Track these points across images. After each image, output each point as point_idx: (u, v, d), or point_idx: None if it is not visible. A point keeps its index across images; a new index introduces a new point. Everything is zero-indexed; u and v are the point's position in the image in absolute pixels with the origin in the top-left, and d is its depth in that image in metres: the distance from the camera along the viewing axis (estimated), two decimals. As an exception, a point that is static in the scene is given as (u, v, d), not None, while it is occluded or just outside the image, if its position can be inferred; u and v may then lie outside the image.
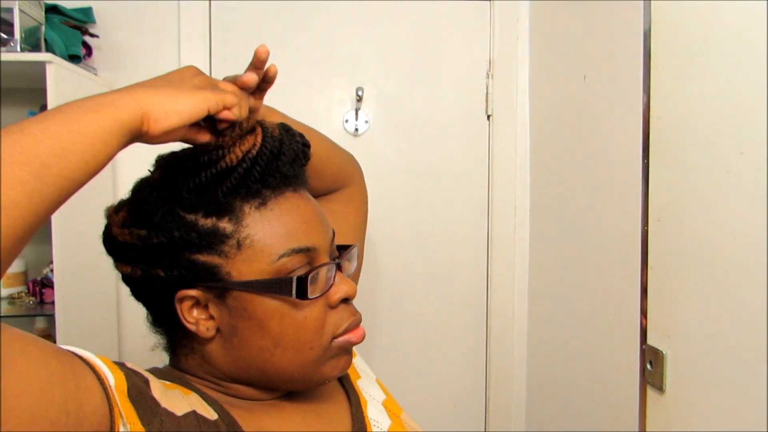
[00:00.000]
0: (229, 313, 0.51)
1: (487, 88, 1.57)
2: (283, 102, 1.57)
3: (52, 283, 1.26)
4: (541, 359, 1.50)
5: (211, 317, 0.52)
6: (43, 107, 1.23)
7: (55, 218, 1.18)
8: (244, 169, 0.49)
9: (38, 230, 0.40)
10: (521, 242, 1.57)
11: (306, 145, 0.55)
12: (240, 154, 0.49)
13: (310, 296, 0.50)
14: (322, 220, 0.55)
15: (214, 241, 0.49)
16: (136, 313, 1.69)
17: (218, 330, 0.52)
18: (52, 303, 1.21)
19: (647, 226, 0.96)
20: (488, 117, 1.58)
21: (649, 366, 0.95)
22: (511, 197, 1.56)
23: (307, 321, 0.52)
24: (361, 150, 1.56)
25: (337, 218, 0.68)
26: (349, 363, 0.57)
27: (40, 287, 1.35)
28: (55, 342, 1.21)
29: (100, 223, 0.58)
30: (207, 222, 0.50)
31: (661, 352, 0.91)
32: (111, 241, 0.54)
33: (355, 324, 0.56)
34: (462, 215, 1.59)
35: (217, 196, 0.49)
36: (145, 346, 1.72)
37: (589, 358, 1.21)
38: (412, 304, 1.57)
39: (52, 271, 1.26)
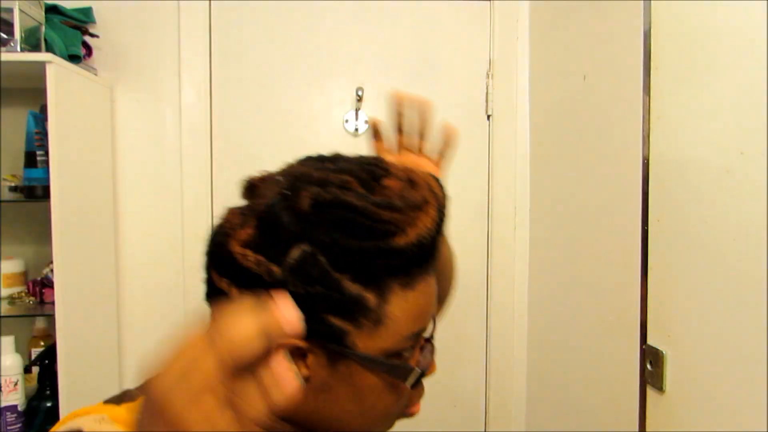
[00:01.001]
0: (330, 374, 0.47)
1: (487, 88, 1.57)
2: (283, 102, 1.59)
3: (52, 283, 1.26)
4: (541, 359, 1.50)
5: (307, 367, 0.47)
6: (43, 107, 1.23)
7: (55, 218, 1.18)
8: (412, 254, 0.45)
9: (38, 230, 0.39)
10: (521, 242, 1.57)
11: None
12: (413, 240, 0.44)
13: (416, 387, 0.50)
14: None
15: (355, 309, 0.45)
16: (136, 313, 1.68)
17: (307, 380, 0.48)
18: (52, 303, 1.21)
19: (647, 226, 0.96)
20: (488, 117, 1.58)
21: (649, 366, 0.95)
22: (511, 197, 1.56)
23: (400, 398, 0.51)
24: (361, 150, 1.56)
25: None
26: None
27: (40, 287, 1.35)
28: (55, 342, 1.21)
29: (100, 223, 0.57)
30: (352, 287, 0.44)
31: (661, 352, 0.91)
32: (221, 252, 0.47)
33: (420, 398, 0.55)
34: (462, 215, 1.59)
35: (373, 268, 0.44)
36: (145, 347, 1.72)
37: (589, 357, 1.21)
38: (412, 304, 1.57)
39: (52, 271, 1.26)
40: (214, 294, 0.50)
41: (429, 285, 0.49)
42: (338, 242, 0.43)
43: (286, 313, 0.32)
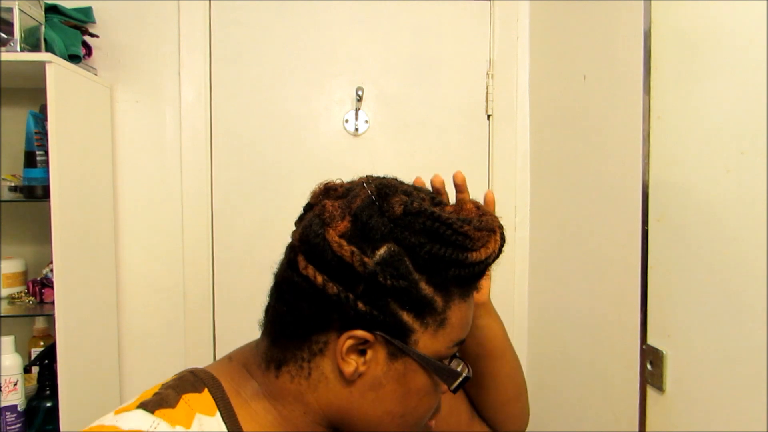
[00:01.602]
0: (385, 371, 0.52)
1: (487, 88, 1.57)
2: (283, 102, 1.59)
3: (52, 283, 1.26)
4: (541, 359, 1.50)
5: (365, 363, 0.51)
6: (43, 107, 1.23)
7: (55, 218, 1.18)
8: (479, 270, 0.52)
9: (38, 230, 0.39)
10: (521, 242, 1.57)
11: None
12: (483, 257, 0.51)
13: (454, 391, 0.54)
14: None
15: (425, 309, 0.51)
16: (136, 313, 1.69)
17: (360, 375, 0.52)
18: (52, 303, 1.21)
19: (647, 226, 0.96)
20: (488, 117, 1.58)
21: (649, 366, 0.95)
22: (511, 197, 1.56)
23: (434, 402, 0.55)
24: (361, 150, 1.56)
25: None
26: None
27: (40, 287, 1.35)
28: (55, 342, 1.21)
29: (100, 223, 0.57)
30: (427, 289, 0.51)
31: (661, 352, 0.91)
32: (317, 241, 0.51)
33: (437, 414, 0.59)
34: (462, 215, 1.59)
35: (446, 275, 0.51)
36: (145, 346, 1.73)
37: (589, 357, 1.21)
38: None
39: (52, 271, 1.26)
40: (294, 279, 0.52)
41: (472, 299, 0.56)
42: (422, 246, 0.50)
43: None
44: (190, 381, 0.52)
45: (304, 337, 0.52)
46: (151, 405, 0.48)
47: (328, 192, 0.55)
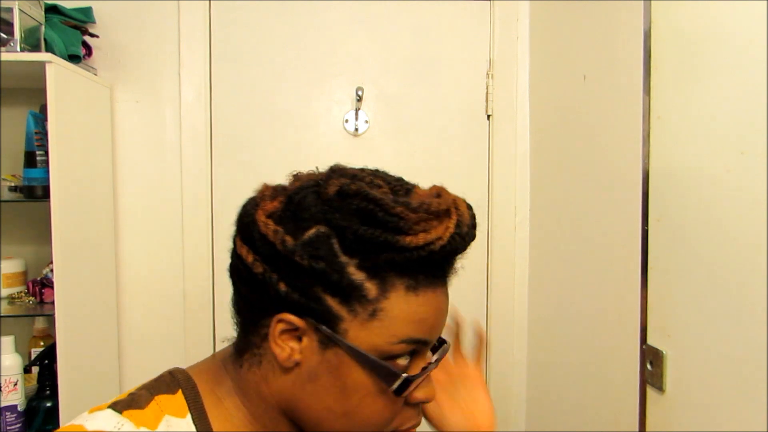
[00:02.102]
0: (319, 361, 0.49)
1: (487, 88, 1.57)
2: (283, 102, 1.59)
3: (52, 283, 1.26)
4: (541, 359, 1.50)
5: (301, 351, 0.49)
6: (43, 107, 1.23)
7: (55, 218, 1.18)
8: (419, 257, 0.46)
9: (38, 230, 0.39)
10: (521, 242, 1.57)
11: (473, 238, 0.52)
12: (421, 243, 0.46)
13: (404, 395, 0.50)
14: (445, 321, 0.54)
15: (353, 295, 0.47)
16: (136, 313, 1.69)
17: (297, 364, 0.50)
18: (52, 303, 1.21)
19: (647, 226, 0.96)
20: (488, 117, 1.58)
21: (649, 366, 0.95)
22: (511, 197, 1.57)
23: (385, 409, 0.50)
24: (361, 150, 1.56)
25: None
26: None
27: (40, 287, 1.35)
28: (55, 342, 1.21)
29: (100, 223, 0.57)
30: (356, 274, 0.47)
31: (661, 352, 0.91)
32: (248, 221, 0.50)
33: (416, 426, 0.54)
34: (462, 215, 1.59)
35: (379, 260, 0.47)
36: (145, 347, 1.73)
37: (589, 357, 1.21)
38: (412, 304, 1.57)
39: (52, 271, 1.26)
40: (235, 262, 0.52)
41: (437, 297, 0.50)
42: (351, 228, 0.46)
43: None
44: (166, 382, 0.53)
45: (253, 323, 0.51)
46: (121, 405, 0.49)
47: (296, 177, 0.55)
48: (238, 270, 0.51)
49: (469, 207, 0.51)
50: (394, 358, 0.49)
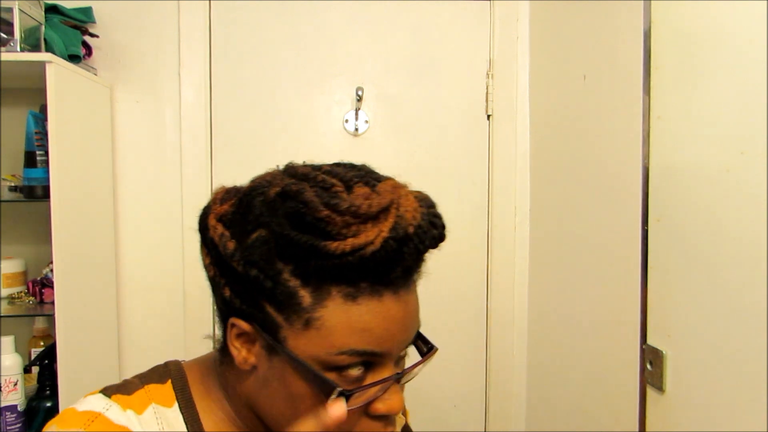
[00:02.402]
0: (268, 366, 0.48)
1: (487, 88, 1.57)
2: (283, 102, 1.59)
3: (52, 283, 1.26)
4: (541, 359, 1.50)
5: (255, 355, 0.49)
6: (43, 107, 1.23)
7: (55, 218, 1.18)
8: (348, 264, 0.43)
9: (38, 230, 0.39)
10: (521, 242, 1.57)
11: (441, 238, 0.47)
12: (348, 249, 0.42)
13: (352, 407, 0.46)
14: (406, 328, 0.48)
15: (287, 303, 0.45)
16: (136, 312, 1.68)
17: (254, 368, 0.49)
18: (52, 303, 1.21)
19: (647, 226, 0.96)
20: (488, 117, 1.58)
21: (649, 366, 0.95)
22: (511, 197, 1.56)
23: (334, 420, 0.45)
24: (361, 150, 1.56)
25: None
26: None
27: (40, 287, 1.35)
28: (55, 342, 1.21)
29: (100, 223, 0.57)
30: (291, 280, 0.45)
31: (661, 352, 0.91)
32: (203, 224, 0.51)
33: None
34: (462, 215, 1.59)
35: (311, 267, 0.44)
36: (145, 347, 1.72)
37: (589, 357, 1.21)
38: (412, 304, 1.57)
39: (52, 271, 1.26)
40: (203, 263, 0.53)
41: (383, 306, 0.45)
42: (283, 232, 0.44)
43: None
44: (159, 372, 0.55)
45: (223, 323, 0.51)
46: (111, 390, 0.52)
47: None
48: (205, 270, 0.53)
49: (426, 204, 0.47)
50: (342, 369, 0.45)
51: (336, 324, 0.44)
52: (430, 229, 0.45)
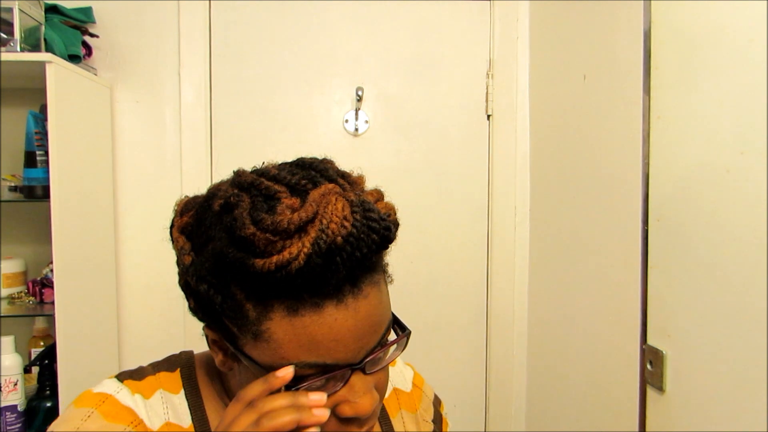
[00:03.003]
0: (240, 371, 0.51)
1: (487, 88, 1.57)
2: (283, 102, 1.59)
3: (52, 283, 1.26)
4: (541, 359, 1.50)
5: (229, 359, 0.52)
6: (43, 107, 1.23)
7: (55, 218, 1.18)
8: (275, 281, 0.42)
9: (38, 230, 0.39)
10: (521, 242, 1.57)
11: (385, 240, 0.45)
12: (274, 267, 0.41)
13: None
14: (360, 336, 0.46)
15: (236, 317, 0.45)
16: (136, 313, 1.68)
17: (231, 369, 0.53)
18: (52, 303, 1.21)
19: (647, 226, 0.96)
20: (488, 117, 1.58)
21: (649, 366, 0.95)
22: (511, 197, 1.57)
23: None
24: (361, 150, 1.56)
25: None
26: None
27: (40, 287, 1.35)
28: (55, 342, 1.21)
29: (100, 223, 0.58)
30: (237, 294, 0.44)
31: (661, 352, 0.91)
32: (171, 236, 0.52)
33: None
34: (462, 215, 1.59)
35: (250, 282, 0.43)
36: (145, 347, 1.72)
37: (589, 357, 1.21)
38: (412, 304, 1.57)
39: (52, 271, 1.26)
40: None
41: (328, 317, 0.43)
42: (222, 248, 0.43)
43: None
44: (171, 361, 0.60)
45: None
46: (124, 375, 0.56)
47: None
48: None
49: (363, 209, 0.44)
50: (301, 381, 0.44)
51: (283, 337, 0.44)
52: (368, 234, 0.43)
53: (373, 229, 0.43)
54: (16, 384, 1.24)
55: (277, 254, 0.41)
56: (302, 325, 0.43)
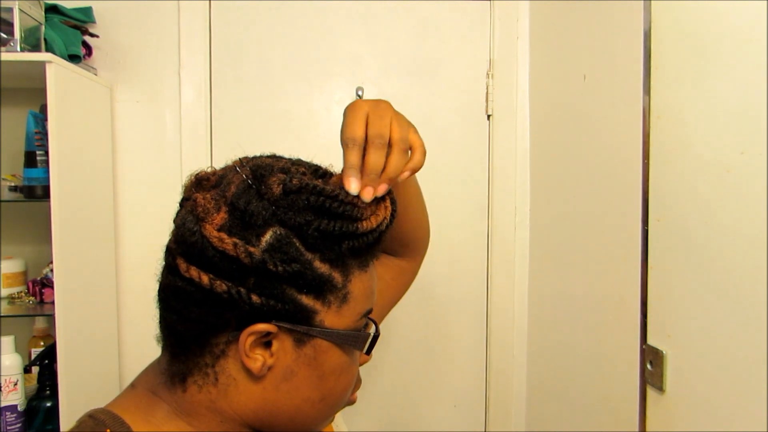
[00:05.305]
0: (295, 358, 0.49)
1: (487, 88, 1.57)
2: (283, 102, 1.59)
3: (52, 283, 1.26)
4: (541, 359, 1.50)
5: (272, 356, 0.49)
6: (43, 107, 1.23)
7: (55, 218, 1.18)
8: (373, 239, 0.50)
9: (38, 230, 0.39)
10: (521, 242, 1.57)
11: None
12: (374, 225, 0.50)
13: (368, 352, 0.55)
14: None
15: (325, 288, 0.49)
16: (136, 313, 1.68)
17: (269, 369, 0.50)
18: (52, 303, 1.21)
19: (647, 226, 0.96)
20: (488, 117, 1.58)
21: (649, 366, 0.95)
22: (511, 197, 1.56)
23: (352, 379, 0.55)
24: (361, 150, 1.56)
25: (379, 288, 0.62)
26: None
27: (40, 287, 1.35)
28: (55, 342, 1.21)
29: (100, 223, 0.57)
30: (322, 267, 0.48)
31: (661, 352, 0.91)
32: (195, 239, 0.47)
33: (358, 387, 0.59)
34: (462, 215, 1.59)
35: (340, 249, 0.49)
36: (145, 347, 1.72)
37: (589, 357, 1.21)
38: (412, 303, 1.57)
39: (52, 271, 1.26)
40: (177, 285, 0.49)
41: (374, 267, 0.56)
42: (310, 224, 0.47)
43: None
44: (90, 427, 0.48)
45: (201, 343, 0.49)
46: None
47: (200, 183, 0.52)
48: (181, 291, 0.48)
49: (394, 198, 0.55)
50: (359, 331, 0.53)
51: (359, 293, 0.52)
52: (396, 210, 0.55)
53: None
54: (16, 384, 1.24)
55: (374, 216, 0.50)
56: (368, 278, 0.53)
